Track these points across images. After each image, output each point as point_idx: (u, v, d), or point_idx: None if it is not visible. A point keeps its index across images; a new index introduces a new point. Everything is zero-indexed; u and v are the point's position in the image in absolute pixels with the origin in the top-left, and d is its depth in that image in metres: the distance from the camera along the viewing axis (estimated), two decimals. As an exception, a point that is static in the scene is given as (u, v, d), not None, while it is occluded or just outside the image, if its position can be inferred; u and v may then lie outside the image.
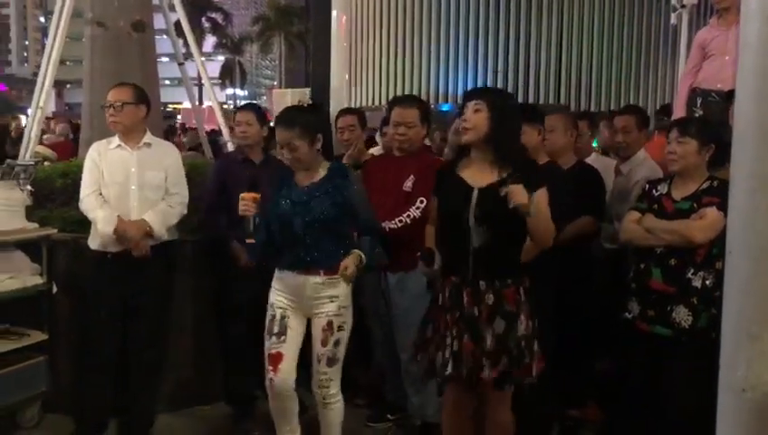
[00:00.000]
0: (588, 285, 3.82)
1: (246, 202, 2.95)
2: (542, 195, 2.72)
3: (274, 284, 3.11)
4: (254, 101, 8.68)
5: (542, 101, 6.50)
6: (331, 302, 3.03)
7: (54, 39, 4.72)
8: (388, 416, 3.90)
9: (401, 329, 3.54)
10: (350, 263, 2.97)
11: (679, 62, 5.80)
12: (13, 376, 3.56)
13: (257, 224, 2.99)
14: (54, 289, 3.75)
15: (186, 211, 3.65)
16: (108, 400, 3.64)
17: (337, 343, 3.05)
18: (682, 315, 3.01)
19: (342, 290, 3.05)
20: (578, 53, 6.68)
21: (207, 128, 7.63)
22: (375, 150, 4.67)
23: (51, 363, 3.74)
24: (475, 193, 2.73)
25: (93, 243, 3.53)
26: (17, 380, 3.59)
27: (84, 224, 3.62)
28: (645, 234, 3.13)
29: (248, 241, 3.03)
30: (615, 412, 3.68)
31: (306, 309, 3.08)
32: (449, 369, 2.73)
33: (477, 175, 2.77)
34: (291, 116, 3.06)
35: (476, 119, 2.72)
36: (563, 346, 3.90)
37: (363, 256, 3.02)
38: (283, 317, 3.07)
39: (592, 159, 4.29)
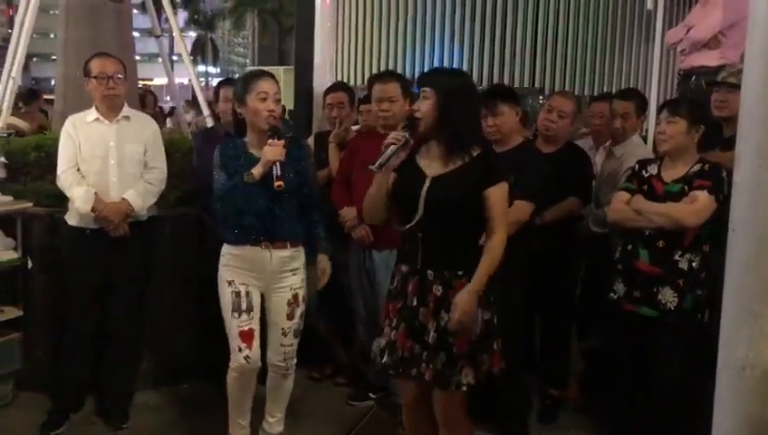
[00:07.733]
0: (571, 268, 3.83)
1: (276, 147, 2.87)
2: (499, 190, 2.56)
3: (229, 261, 3.02)
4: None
5: (517, 84, 6.45)
6: (294, 275, 3.06)
7: (26, 8, 4.56)
8: (370, 395, 3.88)
9: (385, 307, 3.51)
10: (327, 266, 3.17)
11: (655, 46, 5.78)
12: (-14, 353, 3.48)
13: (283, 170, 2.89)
14: (30, 264, 3.65)
15: (164, 186, 3.57)
16: (85, 377, 3.57)
17: (301, 315, 3.11)
18: (668, 297, 3.02)
19: (302, 262, 3.10)
20: (553, 35, 6.63)
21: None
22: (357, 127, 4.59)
23: (25, 340, 3.66)
24: (428, 182, 2.59)
25: (71, 219, 3.44)
26: (-9, 357, 3.50)
27: (60, 198, 3.52)
28: (634, 215, 3.11)
29: (277, 185, 2.85)
30: (599, 392, 3.70)
31: (266, 283, 3.04)
32: (385, 357, 2.65)
33: (433, 163, 2.63)
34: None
35: (425, 106, 2.58)
36: (545, 328, 3.92)
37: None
38: (248, 293, 3.01)
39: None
